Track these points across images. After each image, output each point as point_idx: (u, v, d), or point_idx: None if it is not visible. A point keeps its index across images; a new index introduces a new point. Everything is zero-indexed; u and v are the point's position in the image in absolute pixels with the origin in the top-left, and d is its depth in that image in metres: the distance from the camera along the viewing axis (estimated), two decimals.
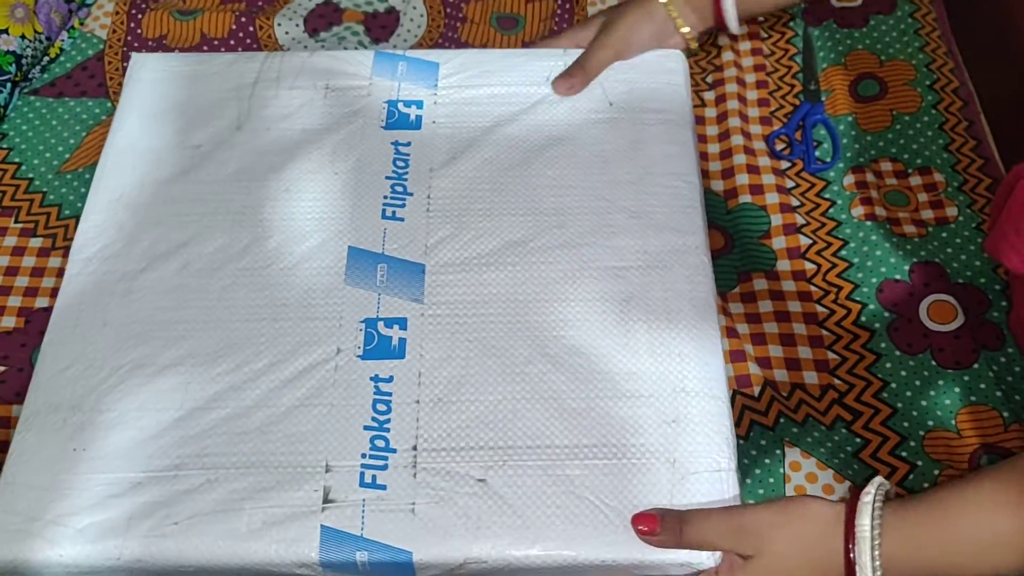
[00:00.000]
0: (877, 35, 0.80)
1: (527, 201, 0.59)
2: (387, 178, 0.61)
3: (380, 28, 0.79)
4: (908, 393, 0.63)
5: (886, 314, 0.66)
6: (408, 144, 0.62)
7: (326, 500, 0.50)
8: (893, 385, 0.62)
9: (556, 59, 0.66)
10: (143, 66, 0.67)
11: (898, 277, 0.69)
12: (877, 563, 0.46)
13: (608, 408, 0.52)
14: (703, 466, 0.51)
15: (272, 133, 0.63)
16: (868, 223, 0.70)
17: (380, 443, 0.52)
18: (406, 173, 0.61)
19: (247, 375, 0.54)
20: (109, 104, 0.76)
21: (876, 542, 0.47)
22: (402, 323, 0.55)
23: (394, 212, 0.59)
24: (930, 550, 0.47)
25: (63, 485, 0.51)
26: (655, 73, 0.65)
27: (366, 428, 0.52)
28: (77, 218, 0.61)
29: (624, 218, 0.59)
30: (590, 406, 0.52)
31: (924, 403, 0.64)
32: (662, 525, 0.48)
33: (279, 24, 0.78)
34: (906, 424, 0.61)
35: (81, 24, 0.81)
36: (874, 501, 0.48)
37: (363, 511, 0.50)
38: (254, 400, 0.53)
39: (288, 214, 0.59)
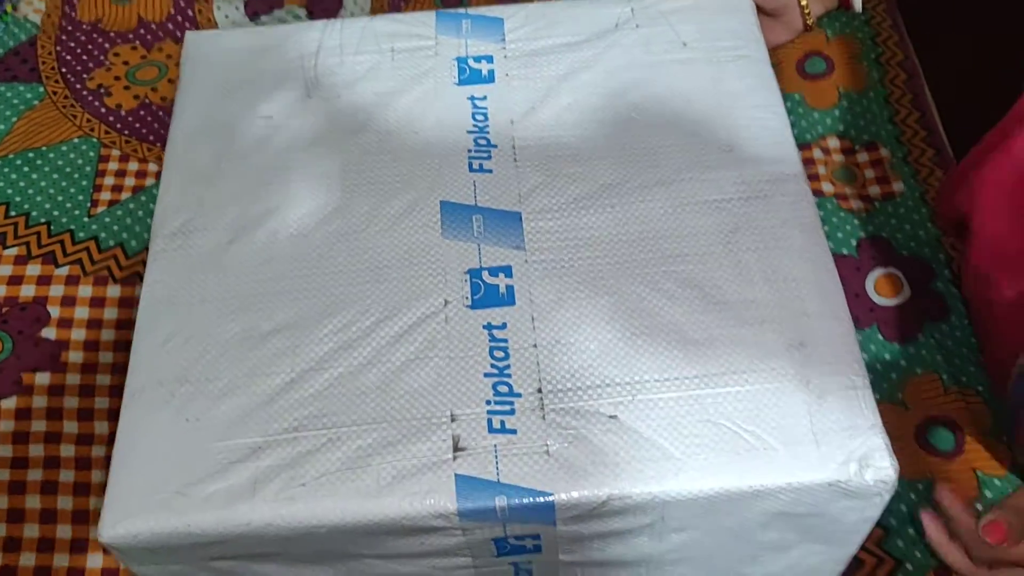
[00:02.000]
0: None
1: (615, 143, 0.58)
2: (468, 132, 0.60)
3: (323, 11, 0.77)
4: None
5: None
6: (484, 98, 0.61)
7: (456, 449, 0.49)
8: None
9: (622, 6, 0.65)
10: (198, 44, 0.66)
11: (845, 252, 0.70)
12: None
13: (731, 336, 0.51)
14: (837, 385, 0.50)
15: (343, 99, 0.62)
16: (815, 199, 0.71)
17: (503, 389, 0.50)
18: (487, 126, 0.60)
19: (356, 334, 0.52)
20: (42, 89, 0.74)
21: None
22: (507, 271, 0.54)
23: (481, 164, 0.58)
24: None
25: (181, 456, 0.49)
26: (724, 12, 0.65)
27: (487, 375, 0.51)
28: (7, 205, 0.59)
29: (717, 152, 0.58)
30: (712, 335, 0.51)
31: (871, 377, 0.64)
32: (1011, 529, 0.50)
33: (219, 8, 0.77)
34: None
35: (14, 9, 0.80)
36: None
37: (496, 457, 0.48)
38: (367, 358, 0.51)
39: (373, 176, 0.58)
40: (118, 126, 0.87)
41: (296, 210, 0.57)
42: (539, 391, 0.50)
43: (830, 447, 0.48)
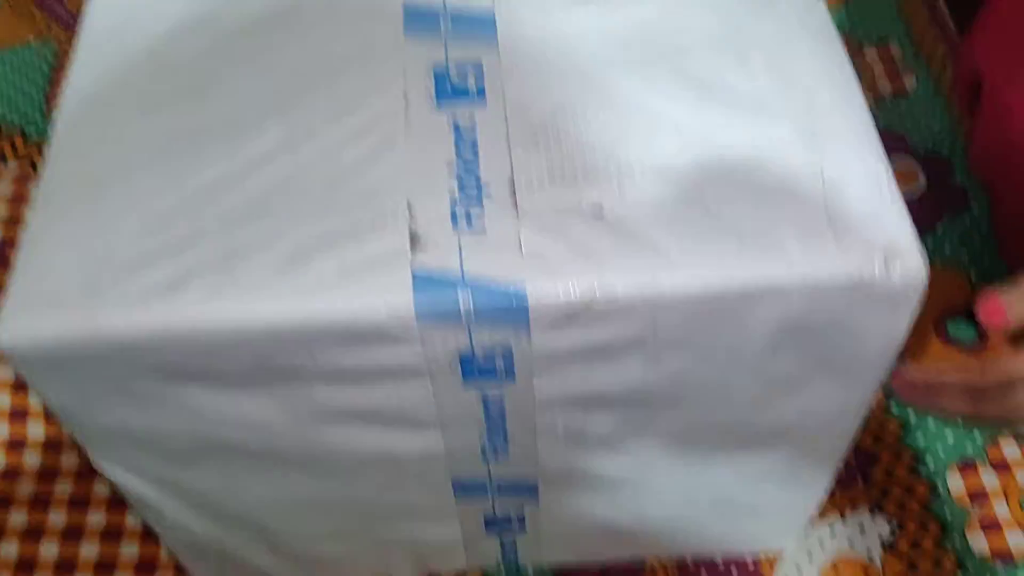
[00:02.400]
0: None
1: None
2: None
3: None
4: None
5: None
6: None
7: (414, 243, 0.41)
8: None
9: None
10: None
11: None
12: None
13: (736, 128, 0.44)
14: (856, 174, 0.43)
15: None
16: None
17: (469, 182, 0.43)
18: None
19: (304, 130, 0.45)
20: None
21: None
22: (477, 67, 0.47)
23: None
24: None
25: (95, 254, 0.42)
26: None
27: (450, 170, 0.44)
28: None
29: None
30: (712, 126, 0.44)
31: None
32: (1009, 306, 0.42)
33: None
34: None
35: None
36: None
37: (460, 251, 0.41)
38: (316, 153, 0.44)
39: None
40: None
41: (244, 6, 0.50)
42: (511, 183, 0.43)
43: (850, 238, 0.41)
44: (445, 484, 0.52)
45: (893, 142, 0.72)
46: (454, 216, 0.42)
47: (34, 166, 0.80)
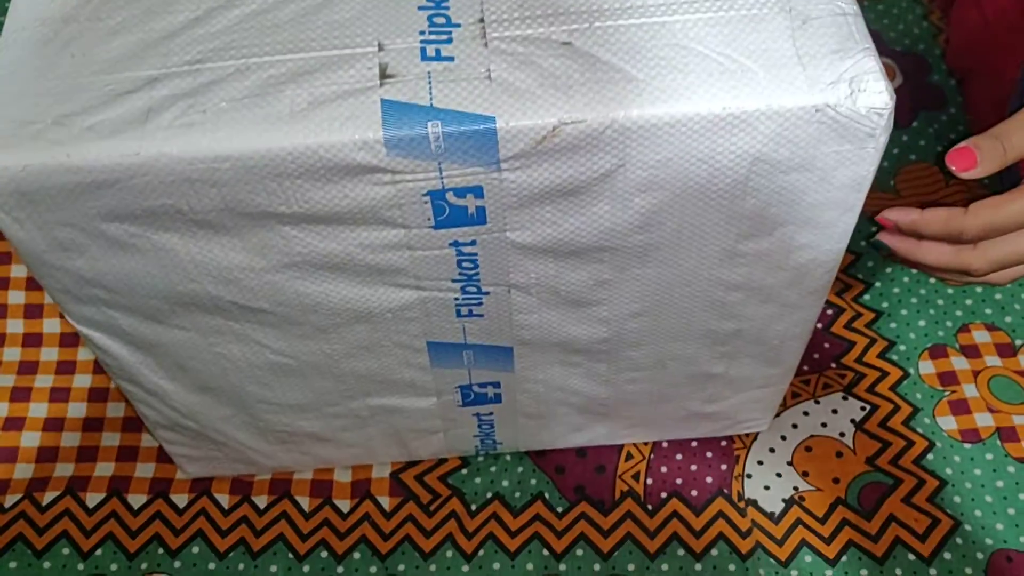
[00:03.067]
0: None
1: None
2: None
3: None
4: None
5: None
6: None
7: (384, 76, 0.42)
8: None
9: None
10: None
11: None
12: None
13: None
14: (824, 11, 0.43)
15: None
16: None
17: (440, 20, 0.43)
18: None
19: None
20: None
21: None
22: None
23: None
24: None
25: (63, 89, 0.42)
26: None
27: (420, 8, 0.44)
28: None
29: None
30: None
31: None
32: (980, 151, 0.41)
33: None
34: None
35: None
36: None
37: (430, 83, 0.41)
38: None
39: None
40: None
41: None
42: (481, 21, 0.43)
43: (817, 68, 0.41)
44: (421, 348, 0.52)
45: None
46: (423, 51, 0.42)
47: None
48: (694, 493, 0.62)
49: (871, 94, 0.41)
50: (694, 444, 0.64)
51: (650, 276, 0.49)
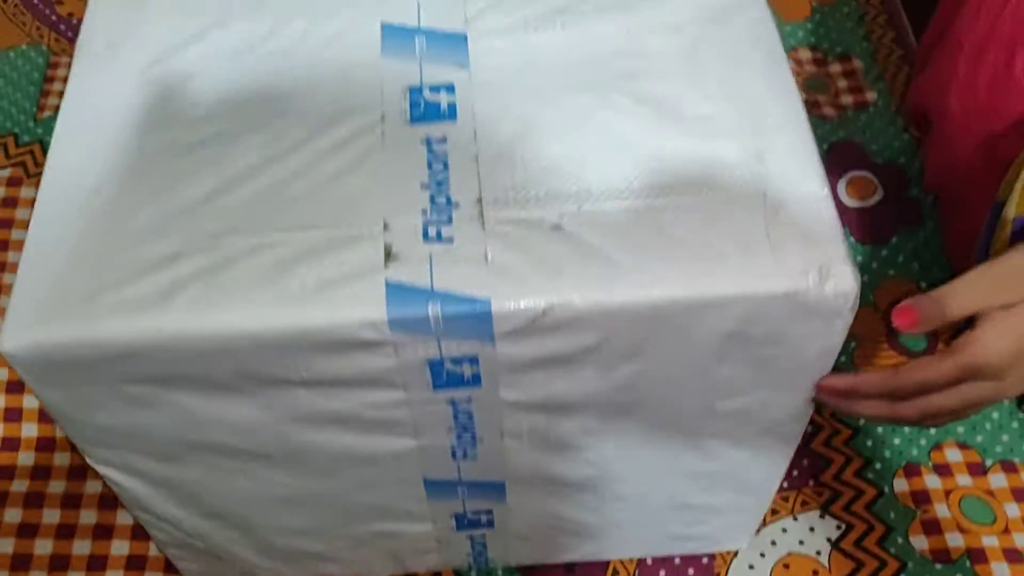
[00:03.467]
0: None
1: None
2: None
3: None
4: None
5: None
6: None
7: (388, 257, 0.45)
8: None
9: None
10: None
11: None
12: None
13: (686, 149, 0.48)
14: (797, 196, 0.47)
15: None
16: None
17: (440, 199, 0.47)
18: None
19: (286, 145, 0.49)
20: None
21: None
22: (449, 88, 0.51)
23: None
24: None
25: (91, 264, 0.45)
26: None
27: (423, 186, 0.47)
28: None
29: None
30: (666, 149, 0.48)
31: None
32: (920, 312, 0.44)
33: None
34: None
35: None
36: None
37: (431, 264, 0.45)
38: (296, 168, 0.48)
39: None
40: (69, 34, 0.84)
41: (229, 30, 0.53)
42: (479, 201, 0.47)
43: (787, 255, 0.45)
44: (417, 483, 0.56)
45: (853, 153, 0.74)
46: (425, 231, 0.46)
47: (26, 170, 0.83)
48: None
49: (838, 279, 0.44)
50: (677, 561, 0.67)
51: (633, 427, 0.52)
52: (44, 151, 0.76)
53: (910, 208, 0.76)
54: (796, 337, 0.46)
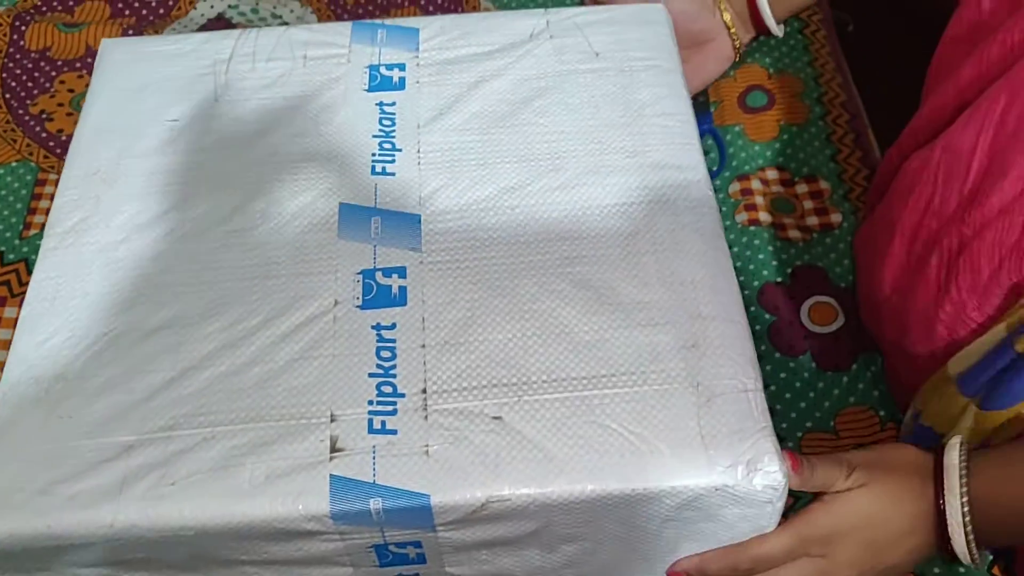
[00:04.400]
0: (767, 50, 0.81)
1: (519, 149, 0.58)
2: (374, 136, 0.59)
3: None
4: (787, 395, 0.64)
5: (767, 316, 0.67)
6: (393, 104, 0.61)
7: (333, 449, 0.47)
8: (772, 387, 0.62)
9: (537, 18, 0.65)
10: (113, 50, 0.65)
11: (779, 280, 0.70)
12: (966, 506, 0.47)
13: (623, 338, 0.50)
14: (728, 388, 0.48)
15: (252, 103, 0.61)
16: (751, 228, 0.71)
17: (387, 389, 0.49)
18: (393, 130, 0.59)
19: (241, 332, 0.51)
20: None
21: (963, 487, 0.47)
22: (401, 271, 0.53)
23: (384, 168, 0.57)
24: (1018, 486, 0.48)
25: (49, 454, 0.47)
26: (639, 24, 0.64)
27: (371, 375, 0.49)
28: None
29: (621, 158, 0.57)
30: (604, 337, 0.50)
31: (803, 404, 0.64)
32: (797, 467, 0.47)
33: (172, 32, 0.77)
34: (784, 425, 0.61)
35: None
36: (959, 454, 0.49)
37: (374, 457, 0.47)
38: (250, 356, 0.50)
39: (274, 177, 0.57)
40: (58, 151, 0.87)
41: (192, 210, 0.56)
42: (424, 391, 0.49)
43: (718, 450, 0.46)
44: None
45: (816, 278, 0.74)
46: (370, 423, 0.48)
47: (11, 289, 0.83)
48: None
49: (766, 474, 0.46)
50: None
51: None
52: (29, 270, 0.77)
53: (870, 335, 0.77)
54: (729, 517, 0.48)
